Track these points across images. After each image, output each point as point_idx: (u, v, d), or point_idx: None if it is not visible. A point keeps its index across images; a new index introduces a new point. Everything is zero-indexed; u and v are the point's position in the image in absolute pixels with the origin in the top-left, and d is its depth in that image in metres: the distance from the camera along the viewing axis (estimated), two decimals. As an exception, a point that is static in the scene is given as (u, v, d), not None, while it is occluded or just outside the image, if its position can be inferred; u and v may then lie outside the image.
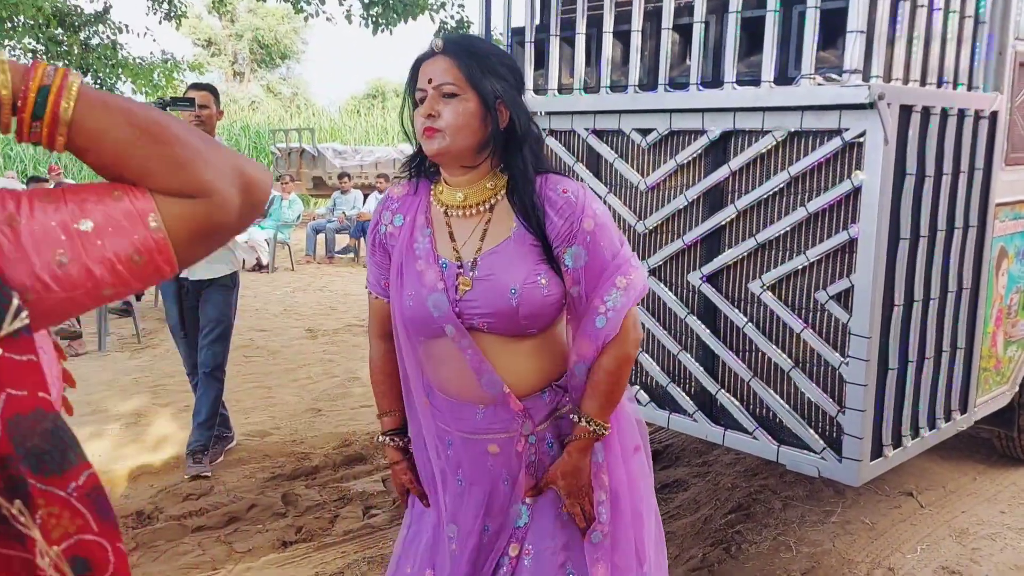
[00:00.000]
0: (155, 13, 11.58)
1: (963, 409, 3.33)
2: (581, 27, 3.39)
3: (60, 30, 10.46)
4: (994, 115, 3.15)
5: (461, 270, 1.61)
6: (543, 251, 1.60)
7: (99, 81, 11.36)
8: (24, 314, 0.73)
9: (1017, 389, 3.77)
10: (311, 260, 11.44)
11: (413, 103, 1.63)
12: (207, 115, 3.89)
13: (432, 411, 1.71)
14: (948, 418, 3.24)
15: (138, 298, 7.36)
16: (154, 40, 12.21)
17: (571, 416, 1.67)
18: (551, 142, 3.51)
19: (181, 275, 3.80)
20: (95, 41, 11.29)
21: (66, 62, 10.99)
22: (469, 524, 1.71)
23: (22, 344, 0.73)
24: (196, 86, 4.05)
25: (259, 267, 10.62)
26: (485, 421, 1.66)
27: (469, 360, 1.61)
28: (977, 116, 3.05)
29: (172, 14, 11.64)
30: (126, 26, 11.58)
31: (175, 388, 5.51)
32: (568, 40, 3.49)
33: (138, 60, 11.44)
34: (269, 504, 3.74)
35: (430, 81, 1.57)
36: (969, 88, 3.05)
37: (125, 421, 4.85)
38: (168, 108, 3.56)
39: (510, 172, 1.63)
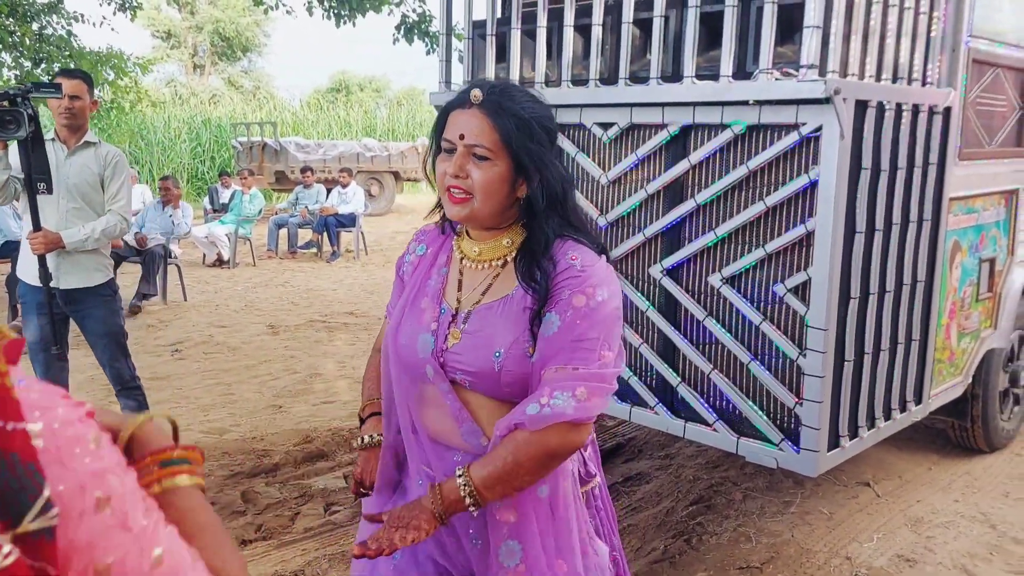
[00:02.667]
0: (109, 3, 11.34)
1: (918, 400, 3.39)
2: (542, 20, 3.38)
3: (11, 20, 10.21)
4: (947, 111, 3.20)
5: (455, 319, 1.56)
6: (532, 316, 1.49)
7: (53, 73, 11.11)
8: (54, 512, 0.60)
9: (970, 380, 3.85)
10: (273, 255, 11.32)
11: (437, 148, 1.54)
12: (79, 107, 3.58)
13: (416, 446, 1.63)
14: (903, 409, 3.29)
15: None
16: (112, 30, 11.90)
17: (456, 470, 1.48)
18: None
19: (52, 284, 3.51)
20: (48, 31, 11.03)
21: (19, 53, 10.74)
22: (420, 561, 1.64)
23: (42, 550, 0.59)
24: (66, 73, 3.72)
25: (219, 262, 10.48)
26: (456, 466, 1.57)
27: (450, 407, 1.55)
28: (931, 112, 3.10)
29: (127, 5, 11.42)
30: (81, 15, 11.33)
31: (132, 385, 5.41)
32: (529, 33, 3.48)
33: (94, 52, 11.20)
34: (228, 502, 3.69)
35: (462, 137, 1.48)
36: (923, 84, 3.10)
37: (80, 419, 4.74)
38: (31, 95, 3.27)
39: (528, 233, 1.53)
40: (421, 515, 1.47)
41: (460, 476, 1.45)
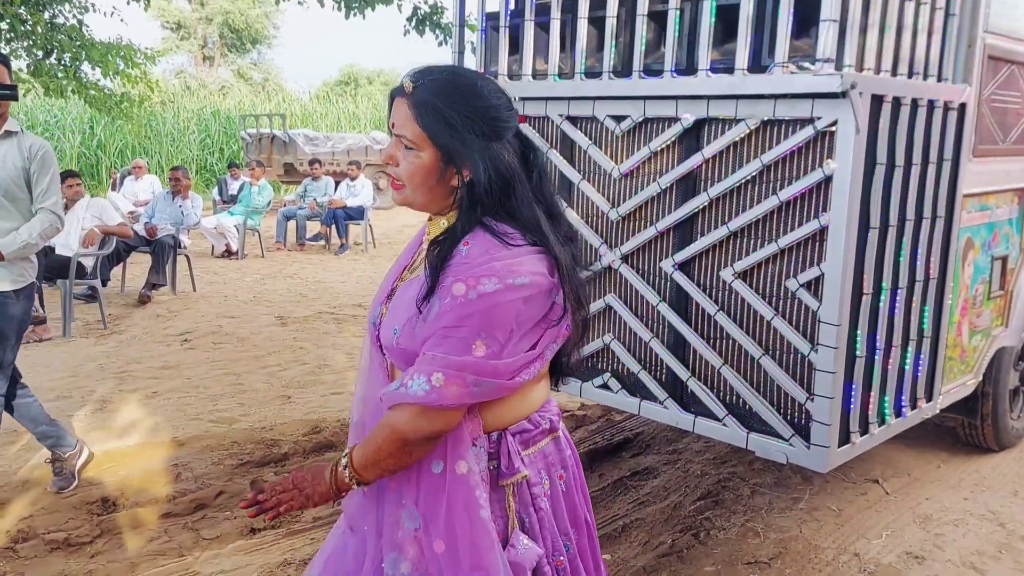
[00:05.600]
0: (120, -8, 11.34)
1: (929, 397, 3.38)
2: (556, 13, 3.37)
3: (23, 9, 10.22)
4: (963, 107, 3.19)
5: (391, 294, 1.61)
6: None
7: (64, 63, 11.12)
8: None
9: (981, 378, 3.83)
10: (281, 247, 11.33)
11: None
12: None
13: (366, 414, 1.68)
14: (914, 406, 3.28)
15: (104, 283, 7.24)
16: (121, 20, 11.89)
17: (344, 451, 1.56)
18: (524, 128, 3.49)
19: None
20: (60, 21, 11.05)
21: (31, 42, 10.75)
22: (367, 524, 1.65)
23: None
24: None
25: (228, 254, 10.50)
26: None
27: (375, 374, 1.60)
28: (946, 107, 3.08)
29: (140, -6, 11.41)
30: (92, 5, 11.34)
31: (141, 374, 5.44)
32: (543, 26, 3.47)
33: (104, 42, 11.20)
34: (237, 491, 3.70)
35: (393, 125, 1.51)
36: (939, 79, 3.08)
37: (91, 407, 4.77)
38: None
39: (455, 223, 1.51)
40: (317, 488, 1.55)
41: (344, 457, 1.53)
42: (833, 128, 2.63)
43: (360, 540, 1.64)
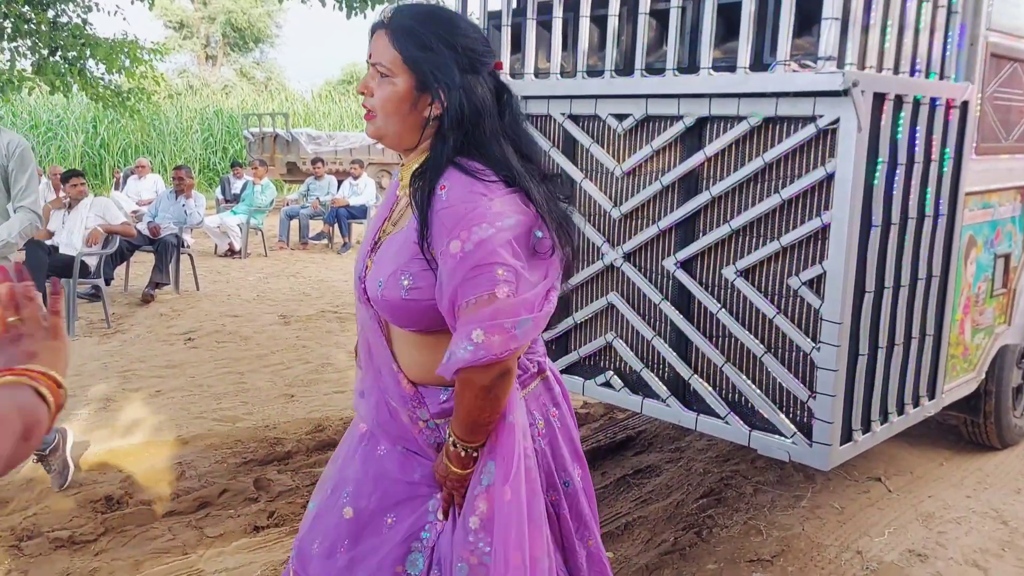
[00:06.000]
0: (124, -9, 11.37)
1: (931, 395, 3.38)
2: (558, 11, 3.38)
3: (27, 8, 10.24)
4: (965, 105, 3.19)
5: (374, 248, 1.62)
6: (425, 251, 1.48)
7: (68, 60, 11.14)
8: None
9: (983, 376, 3.83)
10: (284, 246, 11.35)
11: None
12: None
13: (362, 371, 1.73)
14: (916, 404, 3.28)
15: (108, 282, 7.26)
16: (124, 19, 11.93)
17: (444, 397, 1.59)
18: (526, 126, 3.49)
19: None
20: (64, 19, 11.06)
21: (34, 41, 10.77)
22: (367, 481, 1.68)
23: None
24: None
25: (231, 253, 10.51)
26: (389, 389, 1.64)
27: (372, 331, 1.62)
28: (948, 105, 3.08)
29: (143, -7, 11.43)
30: (95, 3, 11.35)
31: (145, 373, 5.45)
32: (545, 24, 3.47)
33: (108, 40, 11.22)
34: (241, 489, 3.71)
35: (370, 56, 1.52)
36: (941, 77, 3.08)
37: (95, 406, 4.78)
38: None
39: (427, 156, 1.52)
40: (449, 478, 1.56)
41: (449, 437, 1.55)
42: (835, 126, 2.63)
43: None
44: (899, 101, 2.80)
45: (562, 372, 3.54)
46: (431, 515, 1.63)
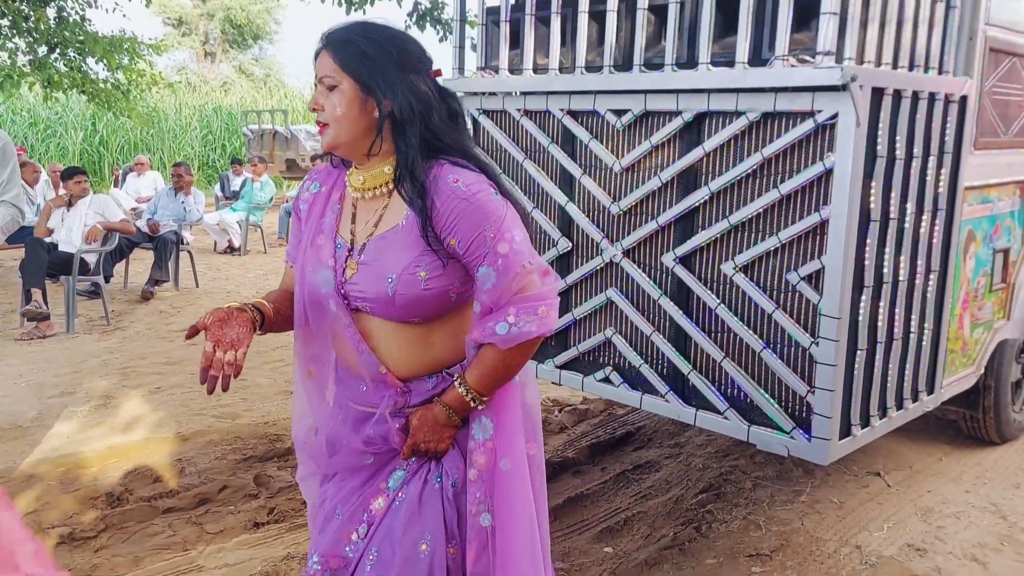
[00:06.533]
0: (123, -12, 11.34)
1: (930, 390, 3.38)
2: (556, 7, 3.37)
3: (26, 5, 10.22)
4: (964, 99, 3.18)
5: (351, 252, 1.66)
6: (432, 242, 1.58)
7: (68, 58, 11.12)
8: None
9: (983, 371, 3.83)
10: (284, 243, 11.34)
11: None
12: None
13: (338, 381, 1.76)
14: (915, 399, 3.29)
15: (107, 279, 7.26)
16: (124, 16, 11.88)
17: (434, 384, 1.68)
18: (525, 123, 3.50)
19: None
20: (65, 14, 11.04)
21: (33, 38, 10.75)
22: (346, 489, 1.76)
23: None
24: None
25: (231, 249, 10.51)
26: (368, 394, 1.70)
27: (350, 338, 1.66)
28: (947, 100, 3.08)
29: (142, -10, 11.41)
30: (94, 0, 11.33)
31: (145, 370, 5.45)
32: (543, 20, 3.47)
33: (107, 37, 11.20)
34: (241, 485, 3.72)
35: (317, 76, 1.62)
36: (939, 72, 3.08)
37: (95, 403, 4.79)
38: None
39: (398, 155, 1.61)
40: (444, 432, 1.66)
41: (460, 386, 1.64)
42: (834, 121, 2.63)
43: (350, 476, 1.76)
44: (898, 96, 2.80)
45: (561, 368, 3.55)
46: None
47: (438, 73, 1.67)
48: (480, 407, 1.65)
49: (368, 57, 1.57)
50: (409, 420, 1.67)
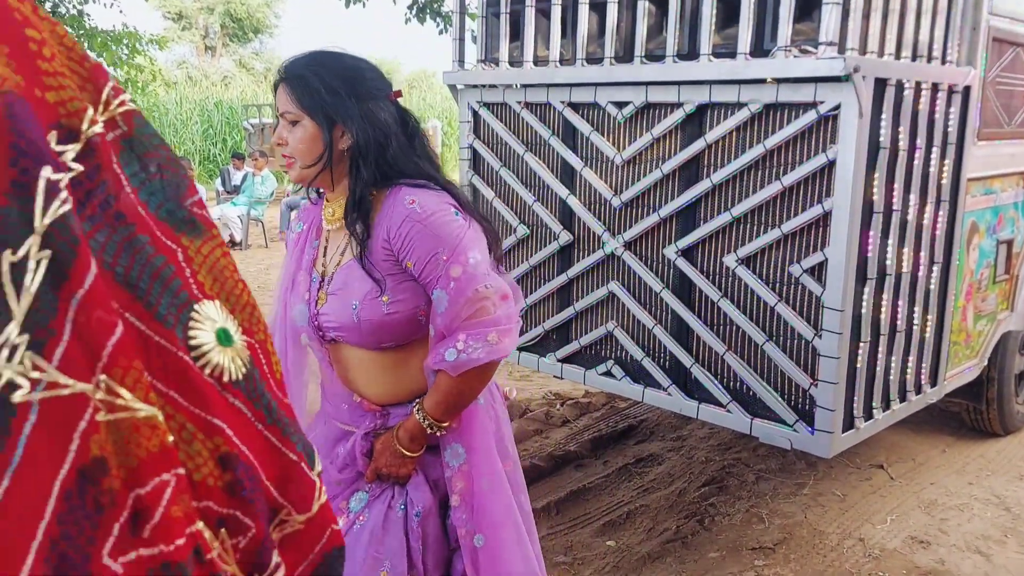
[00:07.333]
0: (123, -18, 11.30)
1: (933, 382, 3.37)
2: (557, -2, 3.35)
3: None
4: (967, 90, 3.16)
5: (322, 284, 1.68)
6: (392, 266, 1.59)
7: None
8: None
9: (986, 363, 3.82)
10: (285, 237, 11.32)
11: None
12: None
13: (325, 398, 1.82)
14: (918, 391, 3.28)
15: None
16: (120, 11, 11.85)
17: (412, 407, 1.65)
18: (526, 115, 3.48)
19: None
20: (61, 11, 11.02)
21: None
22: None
23: None
24: None
25: (232, 244, 10.50)
26: (348, 414, 1.74)
27: (323, 369, 1.71)
28: (950, 91, 3.06)
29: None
30: (93, -5, 11.31)
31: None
32: (544, 11, 3.45)
33: (105, 32, 11.17)
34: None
35: (279, 110, 1.63)
36: (943, 62, 3.06)
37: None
38: None
39: (349, 189, 1.63)
40: (404, 458, 1.65)
41: (418, 412, 1.63)
42: (836, 112, 2.61)
43: None
44: (900, 86, 2.78)
45: (563, 361, 3.54)
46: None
47: (398, 94, 1.68)
48: (440, 433, 1.64)
49: (324, 92, 1.58)
50: (374, 445, 1.68)
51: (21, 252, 0.47)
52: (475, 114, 3.71)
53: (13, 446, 0.43)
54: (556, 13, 3.37)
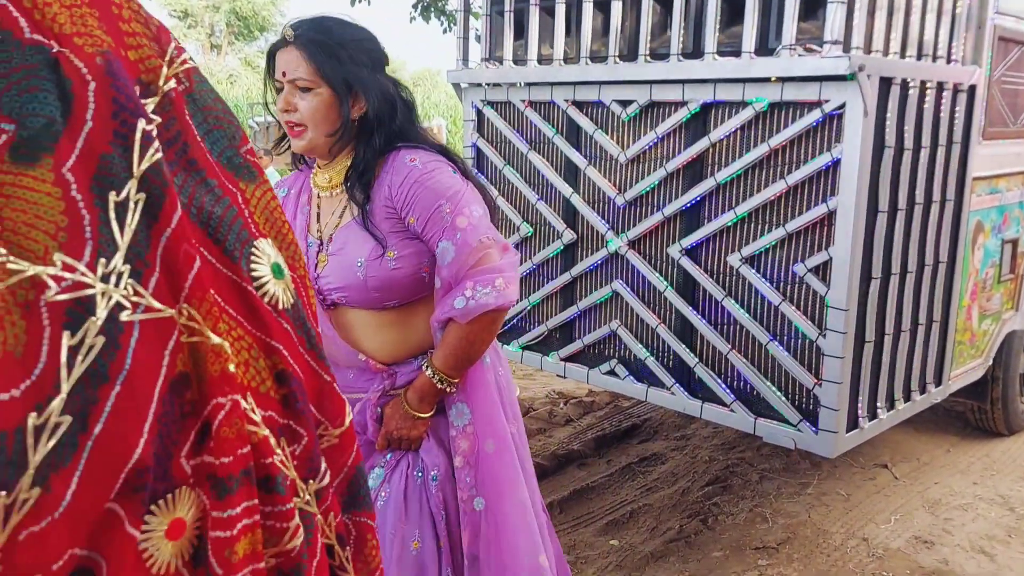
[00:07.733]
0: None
1: (938, 382, 3.36)
2: (561, -3, 3.35)
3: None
4: (972, 89, 3.15)
5: (320, 248, 1.70)
6: (394, 224, 1.62)
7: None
8: None
9: (991, 363, 3.81)
10: (290, 235, 11.33)
11: (275, 90, 1.67)
12: None
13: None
14: (923, 391, 3.27)
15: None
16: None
17: (421, 365, 1.68)
18: (530, 114, 3.48)
19: None
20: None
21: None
22: None
23: None
24: None
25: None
26: (355, 381, 1.72)
27: (328, 333, 1.69)
28: (956, 90, 3.05)
29: (146, -16, 11.40)
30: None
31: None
32: (548, 10, 3.44)
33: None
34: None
35: (284, 74, 1.60)
36: (948, 61, 3.05)
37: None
38: None
39: (355, 154, 1.65)
40: (416, 419, 1.66)
41: (427, 369, 1.65)
42: (841, 111, 2.61)
43: None
44: (906, 85, 2.77)
45: (566, 360, 3.54)
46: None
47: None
48: (451, 390, 1.66)
49: (343, 60, 1.58)
50: (383, 411, 1.68)
51: (123, 193, 0.55)
52: (479, 113, 3.71)
53: (123, 356, 0.52)
54: (560, 11, 3.36)
